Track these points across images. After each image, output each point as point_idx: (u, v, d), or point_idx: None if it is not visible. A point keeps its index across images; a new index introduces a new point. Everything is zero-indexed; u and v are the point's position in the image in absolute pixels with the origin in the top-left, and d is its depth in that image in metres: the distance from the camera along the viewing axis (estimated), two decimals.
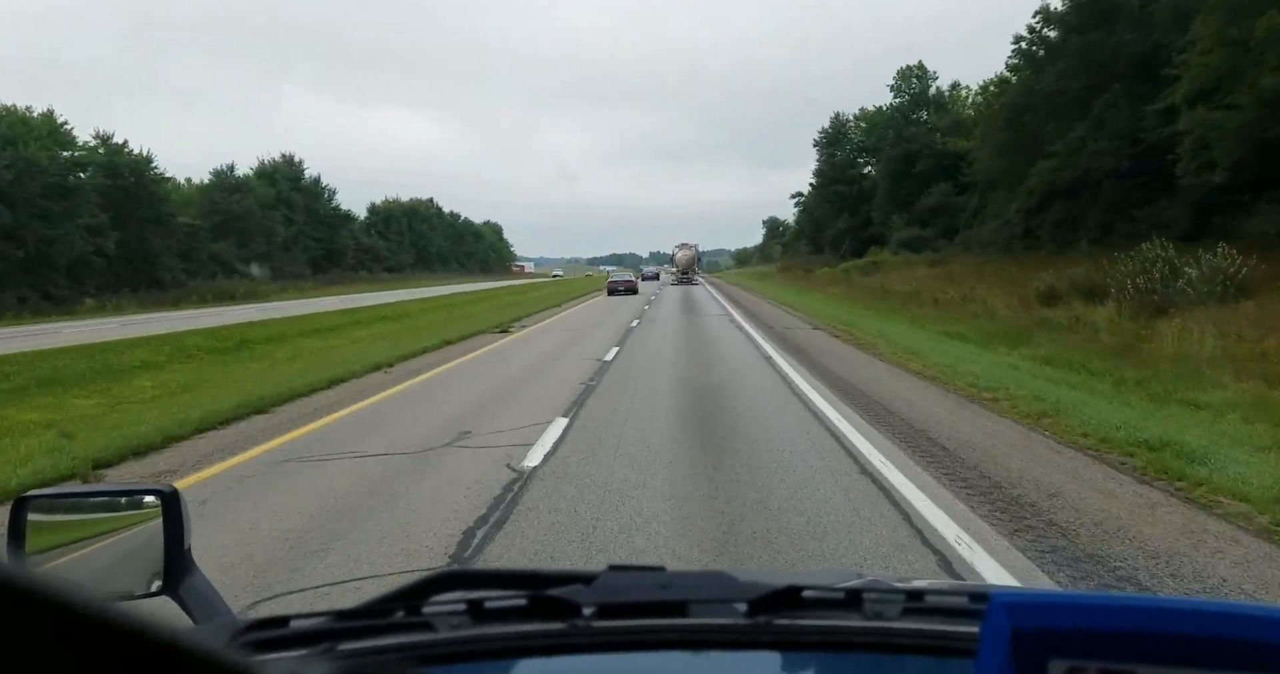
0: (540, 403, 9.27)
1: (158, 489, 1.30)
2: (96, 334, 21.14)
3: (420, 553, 4.43)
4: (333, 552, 4.47)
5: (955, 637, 0.91)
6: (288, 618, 0.97)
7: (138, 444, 7.36)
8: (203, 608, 1.23)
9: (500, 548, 4.50)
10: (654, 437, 7.29)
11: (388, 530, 4.83)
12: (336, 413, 9.10)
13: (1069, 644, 0.57)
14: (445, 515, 5.09)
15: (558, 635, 0.94)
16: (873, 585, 1.08)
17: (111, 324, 27.31)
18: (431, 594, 1.00)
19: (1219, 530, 4.59)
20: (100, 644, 0.30)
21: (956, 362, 11.82)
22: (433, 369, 13.10)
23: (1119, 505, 5.08)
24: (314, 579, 4.10)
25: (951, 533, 4.58)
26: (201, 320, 25.36)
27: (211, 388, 11.40)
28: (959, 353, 13.19)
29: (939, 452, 6.57)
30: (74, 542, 1.36)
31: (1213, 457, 5.87)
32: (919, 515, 4.91)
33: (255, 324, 23.22)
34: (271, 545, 4.61)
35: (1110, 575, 3.96)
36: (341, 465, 6.56)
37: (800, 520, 4.81)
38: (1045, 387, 9.52)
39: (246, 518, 5.16)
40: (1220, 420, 7.44)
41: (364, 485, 5.93)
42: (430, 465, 6.46)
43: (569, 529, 4.76)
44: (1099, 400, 8.60)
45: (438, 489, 5.73)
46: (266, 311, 31.17)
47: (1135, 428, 6.91)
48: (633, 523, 4.84)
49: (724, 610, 0.96)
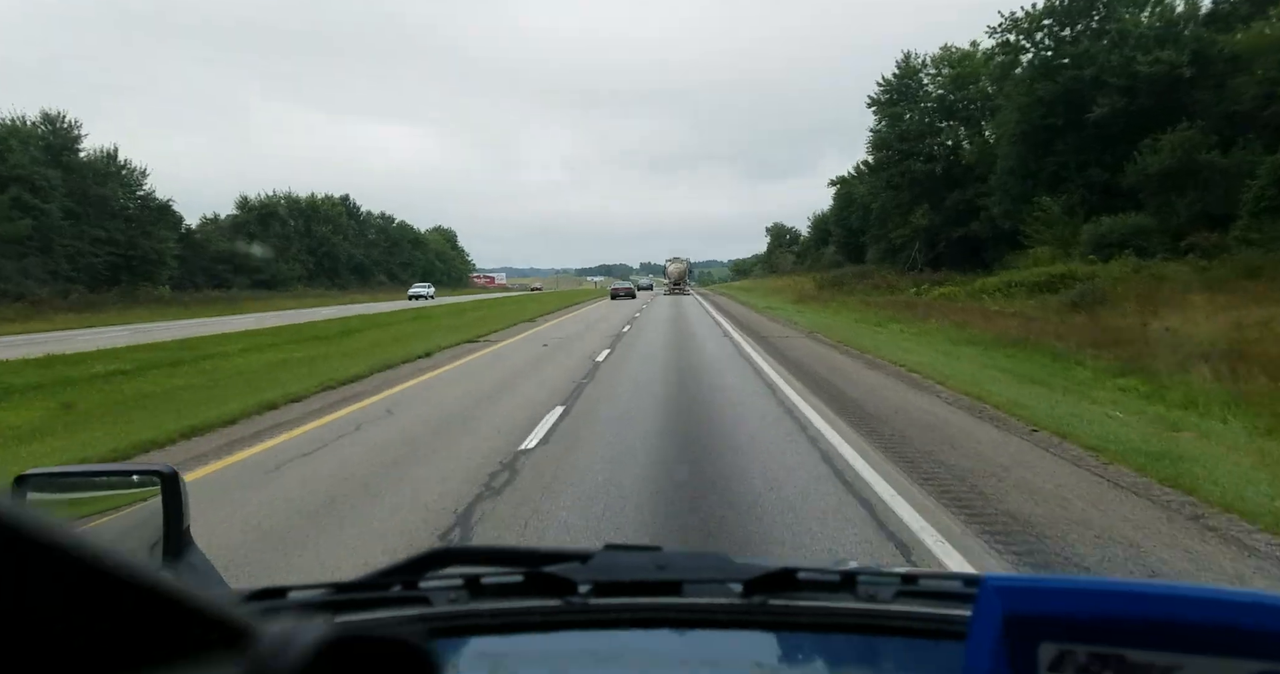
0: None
1: (157, 469, 1.31)
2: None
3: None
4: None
5: (947, 620, 0.92)
6: (286, 589, 0.98)
7: None
8: (201, 586, 1.18)
9: None
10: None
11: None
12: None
13: (1060, 628, 0.58)
14: None
15: (553, 612, 0.95)
16: (867, 569, 1.06)
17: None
18: (429, 569, 1.00)
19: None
20: (110, 593, 0.32)
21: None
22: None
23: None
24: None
25: None
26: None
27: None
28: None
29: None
30: (73, 520, 1.36)
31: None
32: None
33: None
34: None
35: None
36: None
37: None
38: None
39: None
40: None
41: None
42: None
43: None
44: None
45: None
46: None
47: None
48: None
49: (719, 590, 0.98)
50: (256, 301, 48.05)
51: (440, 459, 6.85)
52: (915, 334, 18.93)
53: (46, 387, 11.42)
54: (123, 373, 13.08)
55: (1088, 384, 10.72)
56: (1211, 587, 0.62)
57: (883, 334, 19.20)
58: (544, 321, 28.29)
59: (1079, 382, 10.94)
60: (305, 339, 20.20)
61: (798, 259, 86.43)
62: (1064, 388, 10.29)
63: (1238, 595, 0.57)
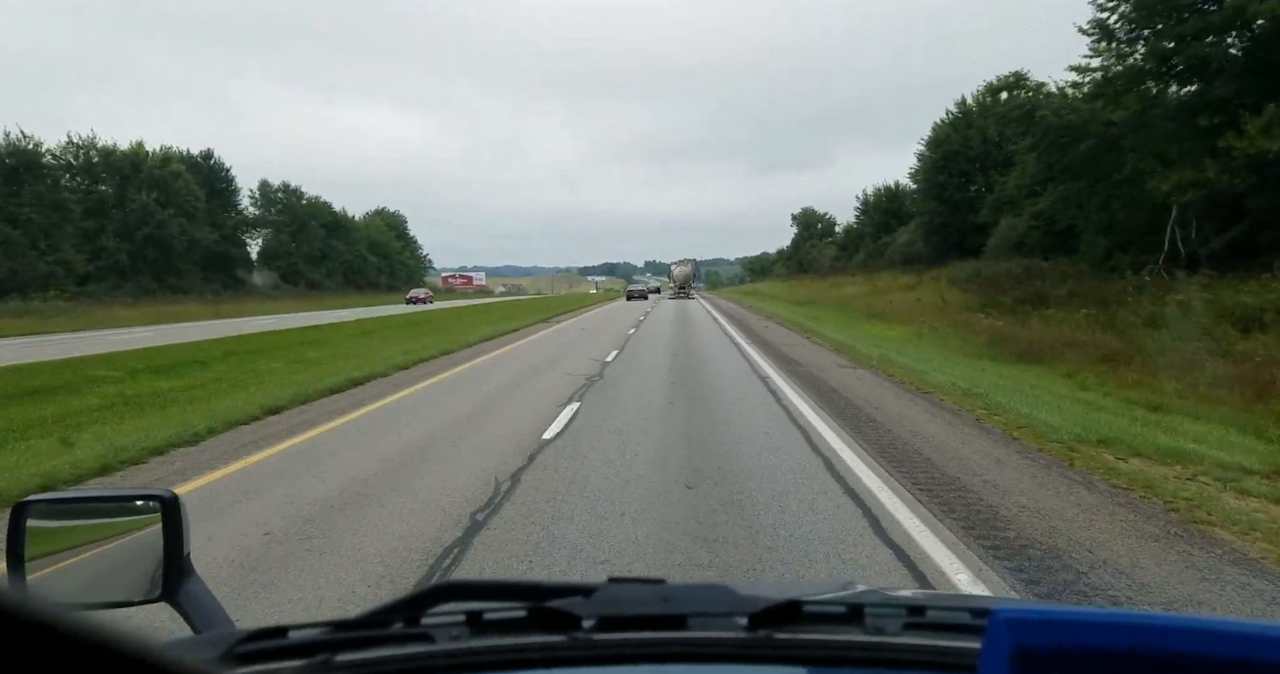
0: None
1: (157, 494, 1.30)
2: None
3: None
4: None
5: (956, 652, 0.91)
6: (286, 628, 0.97)
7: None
8: (201, 614, 1.24)
9: None
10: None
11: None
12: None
13: (1071, 661, 0.57)
14: None
15: (557, 648, 0.94)
16: (874, 599, 1.06)
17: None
18: (430, 605, 1.00)
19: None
20: (70, 658, 0.31)
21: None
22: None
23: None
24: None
25: None
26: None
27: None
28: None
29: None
30: (73, 547, 1.36)
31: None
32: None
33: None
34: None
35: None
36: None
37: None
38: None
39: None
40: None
41: None
42: None
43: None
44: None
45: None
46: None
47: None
48: None
49: (724, 624, 0.96)
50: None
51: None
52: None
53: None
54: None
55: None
56: (1227, 619, 0.62)
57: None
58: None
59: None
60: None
61: (841, 253, 66.60)
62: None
63: (1254, 628, 0.57)
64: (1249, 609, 3.99)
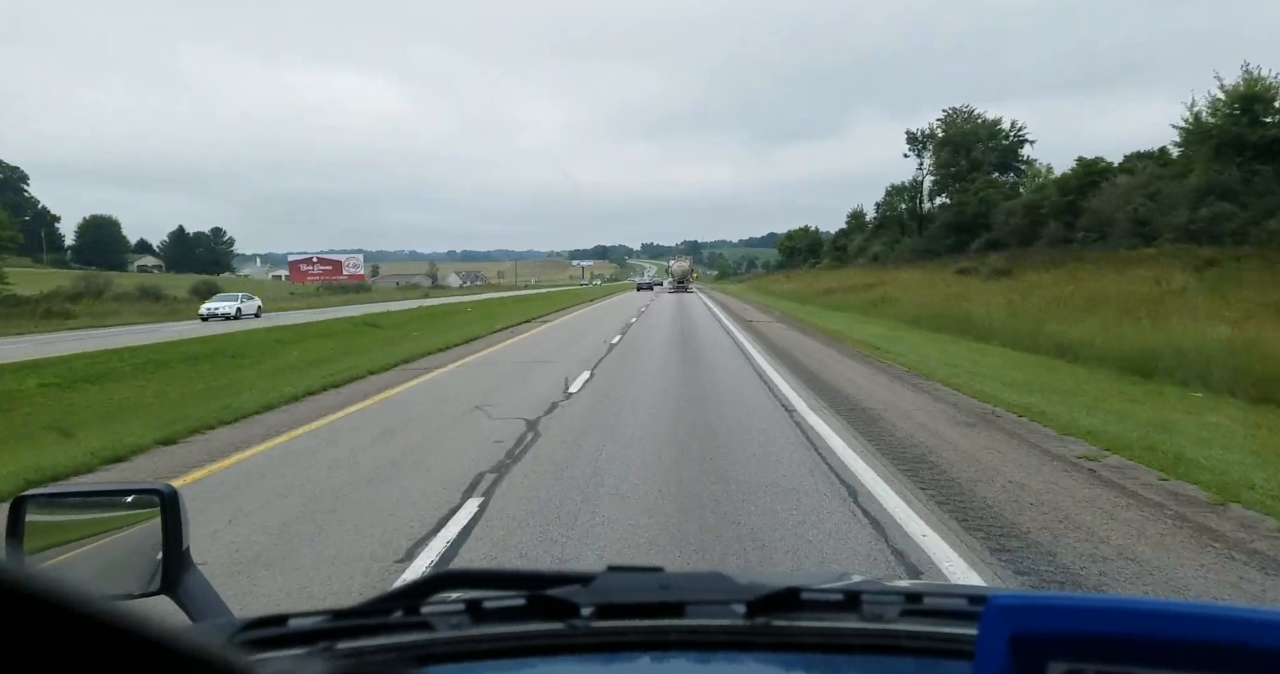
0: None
1: (156, 489, 1.30)
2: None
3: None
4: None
5: (953, 639, 0.92)
6: (285, 617, 0.97)
7: None
8: (201, 607, 1.24)
9: None
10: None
11: None
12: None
13: (1066, 647, 0.58)
14: None
15: (556, 636, 0.95)
16: (871, 587, 1.07)
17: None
18: (430, 594, 1.00)
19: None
20: (95, 642, 0.31)
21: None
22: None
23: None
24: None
25: None
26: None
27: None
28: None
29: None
30: (72, 541, 1.37)
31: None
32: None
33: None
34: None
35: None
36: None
37: None
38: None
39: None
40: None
41: None
42: None
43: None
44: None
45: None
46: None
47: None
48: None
49: (722, 612, 0.97)
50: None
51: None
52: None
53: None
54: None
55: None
56: (1224, 605, 0.62)
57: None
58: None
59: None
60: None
61: (882, 246, 59.17)
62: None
63: (1249, 613, 0.57)
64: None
